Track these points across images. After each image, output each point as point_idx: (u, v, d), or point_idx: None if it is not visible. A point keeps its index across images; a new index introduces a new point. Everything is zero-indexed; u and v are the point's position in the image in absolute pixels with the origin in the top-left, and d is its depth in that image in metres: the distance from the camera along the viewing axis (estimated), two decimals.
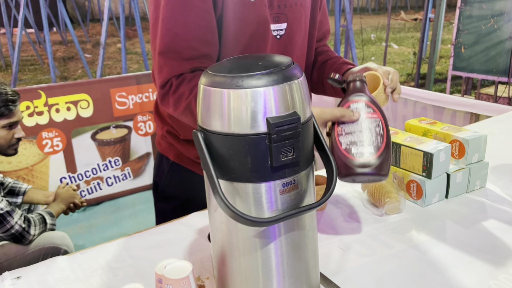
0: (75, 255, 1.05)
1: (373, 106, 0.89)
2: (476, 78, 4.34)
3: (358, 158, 0.82)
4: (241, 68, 0.63)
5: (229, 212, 0.62)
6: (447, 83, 4.39)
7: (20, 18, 5.75)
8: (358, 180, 0.84)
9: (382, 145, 0.84)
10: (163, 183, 1.25)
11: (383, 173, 0.83)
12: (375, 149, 0.83)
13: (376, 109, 0.89)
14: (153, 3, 1.00)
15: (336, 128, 0.87)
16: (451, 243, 0.99)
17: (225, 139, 0.63)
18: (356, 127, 0.86)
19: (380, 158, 0.83)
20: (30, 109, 2.97)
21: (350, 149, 0.83)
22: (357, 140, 0.84)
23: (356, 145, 0.84)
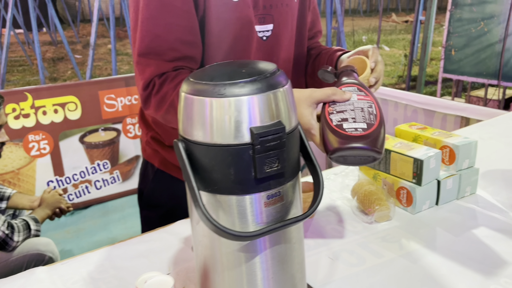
0: (56, 266, 1.02)
1: (365, 91, 0.87)
2: (467, 80, 4.36)
3: (350, 133, 0.76)
4: (224, 76, 0.61)
5: (211, 226, 0.59)
6: (438, 85, 4.40)
7: (8, 18, 5.67)
8: (349, 159, 0.77)
9: (376, 122, 0.78)
10: (148, 191, 1.22)
11: (377, 149, 0.75)
12: (368, 125, 0.77)
13: (368, 93, 0.86)
14: (132, 6, 0.97)
15: (326, 108, 0.82)
16: (441, 252, 0.97)
17: (207, 149, 0.60)
18: (348, 106, 0.81)
19: (373, 133, 0.76)
20: (17, 111, 2.91)
21: (342, 125, 0.77)
22: (348, 117, 0.79)
23: (347, 122, 0.78)
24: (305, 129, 0.83)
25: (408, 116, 2.46)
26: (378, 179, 1.21)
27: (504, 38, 3.91)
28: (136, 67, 0.97)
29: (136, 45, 0.95)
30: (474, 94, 4.56)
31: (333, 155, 0.76)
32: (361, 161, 0.77)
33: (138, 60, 0.96)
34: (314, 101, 0.83)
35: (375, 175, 1.22)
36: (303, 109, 0.83)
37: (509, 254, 0.95)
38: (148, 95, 0.97)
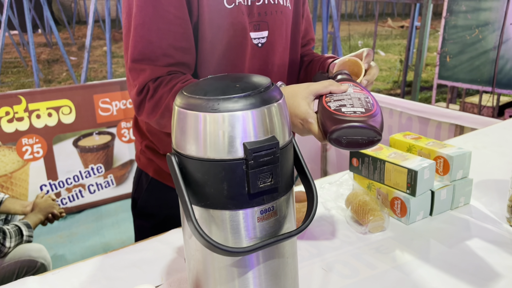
0: (47, 275, 1.01)
1: (360, 87, 0.88)
2: (461, 87, 4.38)
3: (349, 115, 0.76)
4: (218, 90, 0.60)
5: (203, 241, 0.59)
6: (433, 91, 4.42)
7: (3, 19, 5.64)
8: (348, 140, 0.75)
9: (374, 108, 0.79)
10: (141, 200, 1.21)
11: (377, 128, 0.74)
12: (367, 110, 0.78)
13: (364, 89, 0.87)
14: (125, 12, 0.96)
15: (324, 98, 0.83)
16: (435, 264, 0.97)
17: (200, 164, 0.60)
18: (345, 96, 0.82)
19: (373, 115, 0.76)
20: (10, 114, 2.90)
21: (340, 109, 0.78)
22: (347, 104, 0.79)
23: (346, 107, 0.78)
24: (302, 118, 0.83)
25: (402, 124, 2.47)
26: (373, 189, 1.21)
27: (498, 46, 3.93)
28: (129, 73, 0.96)
29: (129, 51, 0.95)
30: (468, 101, 4.58)
31: (332, 135, 0.75)
32: (360, 143, 0.76)
33: (131, 66, 0.95)
34: (312, 92, 0.84)
35: (369, 185, 1.21)
36: (300, 100, 0.83)
37: (502, 266, 0.95)
38: (142, 100, 0.96)
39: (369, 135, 0.75)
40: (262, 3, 1.05)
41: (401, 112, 2.46)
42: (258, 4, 1.04)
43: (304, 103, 0.83)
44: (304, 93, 0.84)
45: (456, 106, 4.83)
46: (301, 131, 0.86)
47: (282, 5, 1.09)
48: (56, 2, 12.44)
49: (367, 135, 0.75)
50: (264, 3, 1.05)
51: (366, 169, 1.20)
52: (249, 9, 1.02)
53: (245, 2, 1.01)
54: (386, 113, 2.56)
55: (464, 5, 4.18)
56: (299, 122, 0.83)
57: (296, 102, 0.83)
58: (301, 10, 1.16)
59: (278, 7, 1.08)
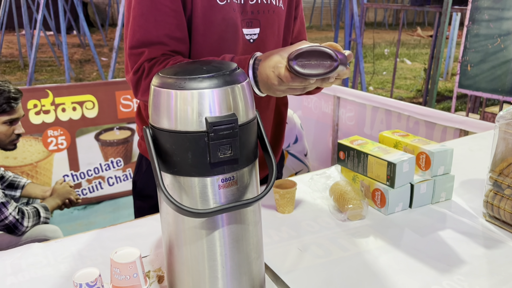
0: (51, 243, 1.12)
1: None
2: (482, 96, 4.34)
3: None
4: (187, 72, 0.69)
5: (168, 201, 0.68)
6: (453, 100, 4.39)
7: (38, 19, 5.93)
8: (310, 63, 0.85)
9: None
10: (140, 182, 1.31)
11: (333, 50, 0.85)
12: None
13: None
14: (126, 4, 1.08)
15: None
16: (404, 250, 1.03)
17: (169, 135, 0.69)
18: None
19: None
20: (37, 107, 3.08)
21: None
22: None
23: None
24: (274, 66, 0.91)
25: (410, 127, 2.50)
26: (357, 180, 1.27)
27: None
28: (128, 59, 1.07)
29: (127, 39, 1.06)
30: (489, 111, 4.53)
31: (292, 56, 0.85)
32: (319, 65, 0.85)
33: (130, 53, 1.06)
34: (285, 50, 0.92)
35: (354, 177, 1.28)
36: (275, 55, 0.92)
37: (468, 255, 1.00)
38: (138, 78, 1.06)
39: (329, 52, 0.84)
40: (255, 2, 1.14)
41: (408, 116, 2.49)
42: (252, 3, 1.13)
43: (278, 56, 0.91)
44: (280, 51, 0.93)
45: (476, 115, 4.78)
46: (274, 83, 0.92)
47: (275, 5, 1.17)
48: (91, 5, 12.91)
49: (326, 53, 0.85)
50: (257, 2, 1.14)
51: (351, 162, 1.27)
52: (242, 7, 1.11)
53: (237, 0, 1.10)
54: (394, 117, 2.60)
55: (487, 14, 4.15)
56: (272, 71, 0.91)
57: (271, 56, 0.93)
58: (293, 12, 1.25)
59: (271, 6, 1.16)
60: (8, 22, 8.80)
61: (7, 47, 11.40)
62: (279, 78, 0.90)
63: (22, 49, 10.00)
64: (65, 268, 1.00)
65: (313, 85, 0.91)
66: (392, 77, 5.59)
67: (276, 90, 0.94)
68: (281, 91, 0.94)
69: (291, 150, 2.79)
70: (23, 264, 1.02)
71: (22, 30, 10.74)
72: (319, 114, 3.24)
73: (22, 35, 10.58)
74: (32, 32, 8.51)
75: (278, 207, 1.21)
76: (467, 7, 4.23)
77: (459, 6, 4.75)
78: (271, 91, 0.96)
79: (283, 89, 0.93)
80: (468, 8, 4.15)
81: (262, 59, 0.96)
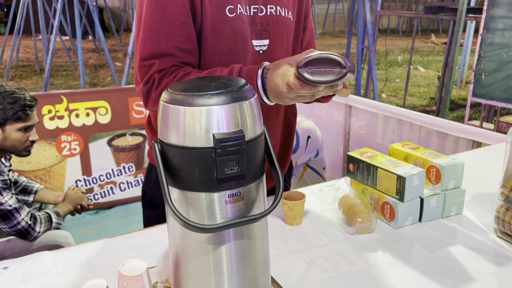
0: (61, 251, 1.13)
1: None
2: (496, 106, 4.29)
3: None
4: (195, 88, 0.70)
5: (175, 216, 0.68)
6: (466, 109, 4.34)
7: (55, 25, 6.03)
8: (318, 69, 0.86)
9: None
10: (150, 192, 1.32)
11: (343, 57, 0.85)
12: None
13: None
14: (137, 17, 1.09)
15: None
16: (413, 265, 1.02)
17: (177, 150, 0.69)
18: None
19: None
20: (52, 113, 3.12)
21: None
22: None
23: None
24: (282, 74, 0.91)
25: (422, 137, 2.48)
26: (366, 193, 1.26)
27: None
28: (138, 71, 1.09)
29: (138, 51, 1.07)
30: (503, 120, 4.47)
31: (301, 63, 0.85)
32: (327, 71, 0.86)
33: (140, 64, 1.07)
34: (294, 59, 0.93)
35: (363, 190, 1.27)
36: (284, 63, 0.93)
37: (478, 272, 0.99)
38: (149, 89, 1.07)
39: (337, 59, 0.85)
40: (264, 14, 1.15)
41: (420, 126, 2.47)
42: (261, 15, 1.14)
43: (287, 64, 0.92)
44: (289, 60, 0.93)
45: (491, 125, 4.72)
46: (282, 91, 0.92)
47: (284, 16, 1.18)
48: (107, 11, 13.08)
49: (335, 60, 0.85)
50: (267, 14, 1.15)
51: (360, 174, 1.26)
52: (251, 19, 1.12)
53: (246, 13, 1.11)
54: (406, 127, 2.58)
55: (502, 23, 4.11)
56: (280, 79, 0.91)
57: (280, 64, 0.93)
58: (302, 23, 1.25)
59: (280, 18, 1.17)
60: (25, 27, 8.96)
61: (24, 51, 11.61)
62: (288, 86, 0.91)
63: (38, 54, 10.17)
64: (74, 277, 1.01)
65: (321, 92, 0.91)
66: (405, 85, 5.56)
67: (285, 98, 0.95)
68: (290, 98, 0.95)
69: (311, 164, 2.79)
70: (33, 273, 1.04)
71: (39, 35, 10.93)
72: (330, 122, 3.23)
73: (39, 39, 10.76)
74: (49, 37, 8.66)
75: (286, 219, 1.21)
76: (481, 15, 4.19)
77: (473, 14, 4.71)
78: (280, 99, 0.96)
79: (291, 96, 0.93)
80: (482, 17, 4.12)
81: (271, 67, 0.96)
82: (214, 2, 1.08)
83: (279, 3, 1.18)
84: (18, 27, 8.24)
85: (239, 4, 1.10)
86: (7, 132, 1.91)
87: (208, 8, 1.07)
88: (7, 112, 1.87)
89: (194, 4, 1.07)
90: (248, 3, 1.13)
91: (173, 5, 1.05)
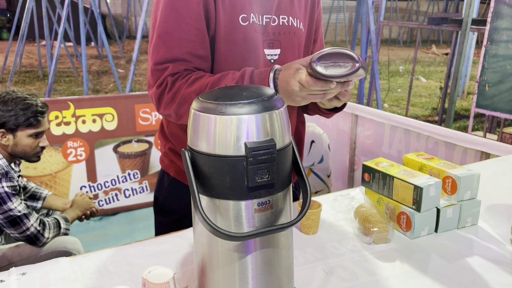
0: (78, 258, 1.13)
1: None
2: (499, 116, 4.30)
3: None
4: (227, 97, 0.71)
5: (206, 224, 0.69)
6: (470, 120, 4.36)
7: (60, 31, 6.06)
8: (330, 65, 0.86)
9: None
10: (162, 198, 1.33)
11: (357, 55, 0.86)
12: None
13: None
14: (152, 22, 1.11)
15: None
16: (431, 276, 1.02)
17: (208, 158, 0.70)
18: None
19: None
20: (59, 118, 3.13)
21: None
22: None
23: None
24: (294, 72, 0.92)
25: (429, 148, 2.49)
26: (382, 203, 1.27)
27: None
28: (151, 75, 1.10)
29: (151, 56, 1.09)
30: (507, 131, 4.48)
31: (315, 58, 0.86)
32: (341, 66, 0.86)
33: (154, 68, 1.09)
34: (305, 59, 0.94)
35: (379, 200, 1.28)
36: (295, 63, 0.94)
37: (497, 283, 0.99)
38: (161, 92, 1.09)
39: (351, 57, 0.86)
40: (277, 24, 1.17)
41: (428, 136, 2.48)
42: (273, 25, 1.16)
43: (298, 64, 0.93)
44: (300, 61, 0.94)
45: (494, 136, 4.73)
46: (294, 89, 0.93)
47: (295, 27, 1.20)
48: (110, 18, 13.16)
49: (348, 58, 0.86)
50: (279, 24, 1.17)
51: (376, 184, 1.27)
52: (263, 28, 1.14)
53: (259, 22, 1.13)
54: (413, 137, 2.59)
55: (506, 34, 4.14)
56: (292, 77, 0.92)
57: (291, 64, 0.95)
58: (313, 35, 1.27)
59: (292, 28, 1.19)
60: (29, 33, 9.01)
61: (27, 57, 11.65)
62: (300, 83, 0.91)
63: (42, 60, 10.20)
64: (93, 283, 1.01)
65: (333, 90, 0.91)
66: (407, 95, 5.58)
67: (297, 97, 0.95)
68: (302, 97, 0.95)
69: (315, 169, 2.79)
70: (52, 279, 1.03)
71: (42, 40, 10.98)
72: (336, 131, 3.24)
73: (42, 45, 10.81)
74: (52, 43, 8.69)
75: (302, 227, 1.21)
76: (485, 27, 4.23)
77: (476, 26, 4.74)
78: (291, 99, 0.96)
79: (303, 95, 0.93)
80: (486, 29, 4.15)
81: (283, 69, 0.98)
82: (228, 10, 1.10)
83: (291, 13, 1.20)
84: (22, 33, 8.28)
85: (252, 13, 1.12)
86: (18, 138, 1.91)
87: (222, 16, 1.09)
88: (19, 118, 1.87)
89: (209, 11, 1.09)
90: (261, 12, 1.15)
91: (187, 11, 1.06)
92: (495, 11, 4.22)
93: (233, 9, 1.10)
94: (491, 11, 4.14)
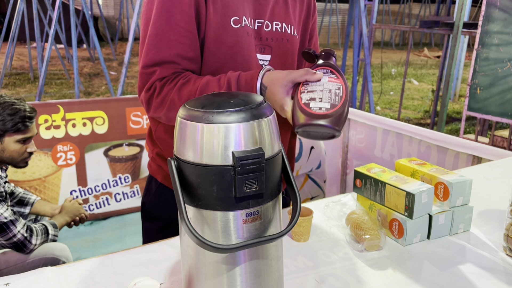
0: (63, 267, 1.10)
1: (337, 74, 0.98)
2: (491, 120, 4.32)
3: (315, 111, 0.89)
4: (214, 105, 0.69)
5: (191, 235, 0.67)
6: (462, 123, 4.38)
7: (51, 34, 6.00)
8: (312, 133, 0.91)
9: (339, 103, 0.91)
10: (149, 203, 1.30)
11: (336, 127, 0.88)
12: (332, 106, 0.90)
13: (340, 76, 0.97)
14: (143, 23, 1.10)
15: (300, 87, 0.95)
16: (425, 284, 1.00)
17: (195, 168, 0.68)
18: (318, 87, 0.93)
19: (335, 113, 0.89)
20: (48, 122, 3.09)
21: (309, 104, 0.90)
22: (316, 97, 0.91)
23: (315, 101, 0.91)
24: (279, 105, 0.94)
25: (421, 152, 2.48)
26: (374, 209, 1.25)
27: None
28: (140, 78, 1.09)
29: (141, 58, 1.07)
30: (498, 134, 4.50)
31: (299, 129, 0.90)
32: (322, 136, 0.91)
33: (142, 71, 1.08)
34: (290, 80, 0.95)
35: (371, 206, 1.26)
36: (279, 87, 0.95)
37: None
38: (150, 96, 1.08)
39: (329, 131, 0.89)
40: (270, 30, 1.15)
41: (420, 140, 2.48)
42: (266, 30, 1.15)
43: (283, 90, 0.94)
44: (283, 81, 0.95)
45: (485, 139, 4.76)
46: (281, 113, 0.97)
47: (289, 33, 1.18)
48: (102, 20, 13.07)
49: (327, 131, 0.89)
50: (272, 30, 1.15)
51: (368, 190, 1.25)
52: (256, 32, 1.13)
53: (251, 25, 1.12)
54: (405, 141, 2.58)
55: (497, 38, 4.16)
56: (278, 107, 0.95)
57: (275, 89, 0.95)
58: (307, 43, 1.26)
59: (285, 35, 1.17)
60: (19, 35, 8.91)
61: (18, 59, 11.54)
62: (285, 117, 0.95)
63: (33, 62, 10.11)
64: None
65: None
66: (399, 97, 5.59)
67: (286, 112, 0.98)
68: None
69: (312, 175, 2.78)
70: None
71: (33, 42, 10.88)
72: None
73: (33, 47, 10.71)
74: (43, 45, 8.61)
75: (293, 235, 1.19)
76: (476, 30, 4.25)
77: (467, 29, 4.76)
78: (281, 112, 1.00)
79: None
80: (478, 32, 4.17)
81: (267, 91, 0.99)
82: (219, 12, 1.08)
83: (285, 20, 1.18)
84: (13, 35, 8.20)
85: (244, 16, 1.11)
86: (5, 144, 1.88)
87: (213, 18, 1.08)
88: (7, 124, 1.84)
89: (199, 13, 1.08)
90: (254, 16, 1.13)
91: (178, 13, 1.05)
92: (487, 15, 4.24)
93: (224, 10, 1.09)
94: (483, 15, 4.16)
